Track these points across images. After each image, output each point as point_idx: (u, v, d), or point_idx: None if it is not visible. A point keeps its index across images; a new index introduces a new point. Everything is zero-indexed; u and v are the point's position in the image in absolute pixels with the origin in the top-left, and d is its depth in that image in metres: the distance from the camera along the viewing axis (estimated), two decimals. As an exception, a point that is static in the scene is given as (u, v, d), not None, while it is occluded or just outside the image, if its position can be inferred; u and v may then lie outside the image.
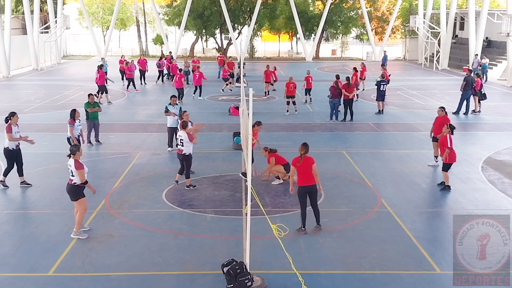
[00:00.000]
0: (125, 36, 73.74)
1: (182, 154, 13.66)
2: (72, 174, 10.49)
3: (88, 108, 18.06)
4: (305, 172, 10.83)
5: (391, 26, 57.39)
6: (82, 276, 9.21)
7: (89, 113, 18.11)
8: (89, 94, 18.63)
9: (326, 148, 18.08)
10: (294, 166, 10.97)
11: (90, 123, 18.30)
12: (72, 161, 10.50)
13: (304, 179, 10.84)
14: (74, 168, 10.43)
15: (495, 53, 43.07)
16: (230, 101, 26.94)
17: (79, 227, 10.75)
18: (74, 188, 10.58)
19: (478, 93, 24.53)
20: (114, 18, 54.14)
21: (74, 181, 10.52)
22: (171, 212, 12.27)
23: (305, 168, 10.83)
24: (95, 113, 18.21)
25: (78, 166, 10.45)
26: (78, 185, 10.53)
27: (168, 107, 17.58)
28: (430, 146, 18.39)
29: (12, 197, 13.71)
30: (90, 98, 18.25)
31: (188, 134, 13.48)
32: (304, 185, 10.85)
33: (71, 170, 10.49)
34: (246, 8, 57.88)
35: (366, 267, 9.60)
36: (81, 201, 10.64)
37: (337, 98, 22.31)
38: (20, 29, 51.36)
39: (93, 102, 18.16)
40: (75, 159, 10.52)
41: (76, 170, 10.42)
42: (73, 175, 10.49)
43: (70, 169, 10.53)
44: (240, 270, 8.68)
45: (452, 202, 12.91)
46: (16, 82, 37.35)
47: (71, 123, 15.64)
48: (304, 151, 10.86)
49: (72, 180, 10.54)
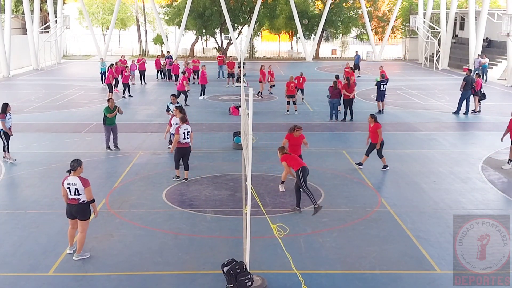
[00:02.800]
0: (125, 36, 73.73)
1: (190, 147, 14.19)
2: (78, 193, 9.61)
3: (108, 114, 17.06)
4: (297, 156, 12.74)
5: (391, 26, 57.37)
6: (82, 276, 9.21)
7: (106, 118, 17.11)
8: (109, 98, 17.98)
9: (326, 148, 18.09)
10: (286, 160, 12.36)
11: (107, 128, 17.31)
12: (77, 179, 9.60)
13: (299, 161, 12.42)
14: (82, 186, 9.56)
15: (495, 53, 43.07)
16: (230, 101, 26.94)
17: (82, 248, 9.96)
18: (84, 207, 9.72)
19: (478, 93, 24.54)
20: (114, 18, 54.14)
21: (82, 200, 9.65)
22: (171, 212, 12.28)
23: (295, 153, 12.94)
24: (113, 118, 17.23)
25: (85, 183, 9.62)
26: (87, 203, 9.76)
27: (169, 106, 18.13)
28: (429, 146, 18.46)
29: (12, 197, 13.73)
30: (110, 103, 17.33)
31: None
32: (304, 166, 12.14)
33: (76, 189, 9.59)
34: (246, 8, 57.88)
35: (366, 267, 9.60)
36: (87, 221, 9.89)
37: (336, 98, 22.32)
38: (20, 29, 51.37)
39: (113, 107, 17.21)
40: (79, 177, 9.66)
41: (84, 188, 9.59)
42: (79, 194, 9.61)
43: (73, 188, 9.60)
44: (240, 270, 8.68)
45: (452, 202, 12.91)
46: (16, 82, 37.35)
47: (2, 117, 15.82)
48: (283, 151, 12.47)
49: (79, 200, 9.64)
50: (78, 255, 9.89)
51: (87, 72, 43.29)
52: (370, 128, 15.45)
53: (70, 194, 9.66)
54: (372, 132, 15.36)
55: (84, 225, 9.84)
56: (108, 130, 17.39)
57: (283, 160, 12.30)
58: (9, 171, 15.41)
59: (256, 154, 15.94)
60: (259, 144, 18.00)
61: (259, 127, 20.69)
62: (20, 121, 20.85)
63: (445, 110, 25.47)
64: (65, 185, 9.66)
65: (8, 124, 16.06)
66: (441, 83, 36.87)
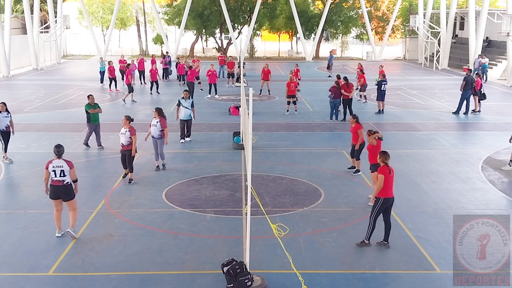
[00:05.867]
0: (125, 36, 73.67)
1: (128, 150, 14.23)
2: (63, 174, 10.45)
3: (89, 110, 17.47)
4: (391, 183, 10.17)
5: (391, 25, 57.36)
6: (82, 276, 9.21)
7: (90, 115, 17.48)
8: (89, 95, 18.14)
9: (326, 148, 18.08)
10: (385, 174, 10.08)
11: (91, 126, 17.63)
12: (62, 161, 10.50)
13: (390, 190, 10.17)
14: (68, 167, 10.47)
15: (495, 53, 43.05)
16: (230, 101, 26.94)
17: (75, 223, 10.82)
18: (69, 188, 10.59)
19: (478, 93, 24.53)
20: (114, 17, 54.12)
21: (66, 181, 10.51)
22: (171, 211, 12.27)
23: (392, 178, 10.18)
24: (96, 115, 17.57)
25: (70, 164, 10.56)
26: (70, 184, 10.60)
27: (180, 100, 18.54)
28: (429, 146, 18.46)
29: (12, 196, 13.72)
30: (90, 99, 17.68)
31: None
32: (390, 197, 10.20)
33: (62, 171, 10.44)
34: (246, 8, 57.87)
35: (366, 266, 9.60)
36: (74, 200, 10.76)
37: (338, 98, 22.34)
38: (20, 28, 51.36)
39: (93, 103, 17.59)
40: (64, 159, 10.56)
41: (70, 169, 10.48)
42: (64, 175, 10.46)
43: (59, 170, 10.45)
44: (240, 270, 8.68)
45: (452, 202, 12.91)
46: (16, 81, 37.34)
47: None
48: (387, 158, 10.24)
49: (64, 181, 10.49)
50: (72, 228, 10.67)
51: (87, 72, 43.27)
52: (352, 128, 15.05)
53: (55, 176, 10.47)
54: (353, 133, 14.90)
55: (72, 203, 10.72)
56: (91, 128, 17.74)
57: (381, 173, 10.15)
58: (8, 171, 15.41)
59: (256, 154, 15.94)
60: (259, 144, 18.01)
61: (259, 127, 20.68)
62: (20, 121, 20.83)
63: (445, 110, 25.47)
64: (50, 168, 10.50)
65: (4, 123, 16.00)
66: (441, 83, 36.86)
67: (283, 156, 16.98)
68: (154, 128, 15.22)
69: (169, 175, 14.85)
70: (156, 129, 15.20)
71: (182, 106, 18.39)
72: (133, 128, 14.05)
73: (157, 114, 15.31)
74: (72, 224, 10.69)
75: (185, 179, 14.60)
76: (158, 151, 15.42)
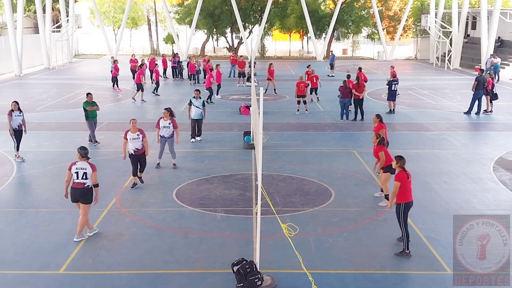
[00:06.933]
0: (136, 35, 73.93)
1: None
2: (86, 177, 10.32)
3: (87, 107, 17.78)
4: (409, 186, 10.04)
5: (403, 25, 57.12)
6: (93, 274, 9.25)
7: (88, 112, 17.82)
8: (88, 93, 18.52)
9: (337, 148, 18.04)
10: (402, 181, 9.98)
11: (91, 123, 18.04)
12: (86, 163, 10.38)
13: (409, 193, 10.09)
14: (91, 170, 10.33)
15: (507, 53, 42.74)
16: (241, 100, 26.96)
17: (81, 231, 10.67)
18: (89, 191, 10.43)
19: (490, 93, 24.38)
20: (125, 17, 54.29)
21: (87, 184, 10.37)
22: (182, 210, 12.30)
23: (410, 182, 10.11)
24: (94, 112, 17.97)
25: (93, 168, 10.40)
26: (91, 187, 10.45)
27: (192, 100, 18.68)
28: (440, 146, 18.37)
29: (24, 195, 13.81)
30: (88, 97, 18.09)
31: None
32: (409, 201, 10.10)
33: (85, 173, 10.32)
34: (257, 7, 57.89)
35: (376, 267, 9.57)
36: (89, 205, 10.61)
37: (347, 98, 22.27)
38: (32, 28, 51.73)
39: (91, 101, 17.96)
40: (88, 162, 10.44)
41: (92, 172, 10.33)
42: (86, 178, 10.33)
43: (82, 172, 10.32)
44: (250, 269, 8.69)
45: (463, 202, 12.84)
46: (28, 80, 37.60)
47: (9, 114, 16.07)
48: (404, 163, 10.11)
49: (85, 184, 10.36)
50: (78, 236, 10.54)
51: (98, 71, 43.47)
52: (374, 128, 14.57)
53: (77, 178, 10.35)
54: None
55: (86, 208, 10.52)
56: (91, 124, 18.13)
57: (399, 180, 10.03)
58: (20, 169, 15.51)
59: (266, 154, 15.94)
60: (269, 143, 18.01)
61: (270, 127, 20.68)
62: (31, 119, 20.97)
63: (457, 110, 25.33)
64: (73, 169, 10.38)
65: (16, 122, 16.12)
66: (452, 83, 36.65)
67: (293, 156, 16.97)
68: (167, 130, 15.25)
69: (180, 174, 14.89)
70: (169, 130, 15.26)
71: (193, 105, 18.52)
72: (142, 130, 14.00)
73: (168, 115, 15.31)
74: (79, 231, 10.58)
75: (196, 179, 14.63)
76: (169, 149, 15.48)
